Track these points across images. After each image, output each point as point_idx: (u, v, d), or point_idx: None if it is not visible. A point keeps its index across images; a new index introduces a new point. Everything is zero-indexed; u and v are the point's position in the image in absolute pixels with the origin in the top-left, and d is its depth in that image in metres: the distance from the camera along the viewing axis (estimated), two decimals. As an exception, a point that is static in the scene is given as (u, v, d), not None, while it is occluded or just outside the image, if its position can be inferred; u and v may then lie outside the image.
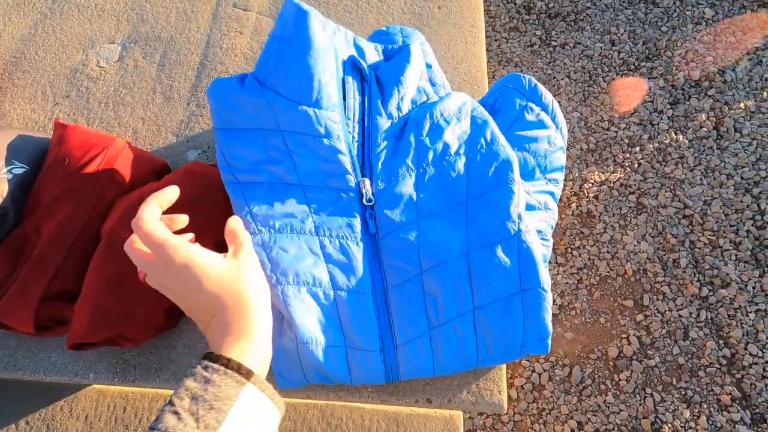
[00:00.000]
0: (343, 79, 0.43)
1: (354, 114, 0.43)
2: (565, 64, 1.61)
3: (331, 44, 0.42)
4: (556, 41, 1.65)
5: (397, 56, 0.47)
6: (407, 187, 0.42)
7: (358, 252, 0.41)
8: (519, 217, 0.41)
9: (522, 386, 1.13)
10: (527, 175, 0.48)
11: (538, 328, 0.40)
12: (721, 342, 1.14)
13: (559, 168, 0.50)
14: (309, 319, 0.38)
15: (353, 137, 0.43)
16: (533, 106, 0.48)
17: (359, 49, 0.48)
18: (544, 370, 1.14)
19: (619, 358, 1.14)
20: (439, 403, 0.42)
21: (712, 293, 1.19)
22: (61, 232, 0.43)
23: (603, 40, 1.64)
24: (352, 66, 0.45)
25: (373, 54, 0.49)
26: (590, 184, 1.38)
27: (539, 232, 0.47)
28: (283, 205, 0.40)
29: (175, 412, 0.28)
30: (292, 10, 0.41)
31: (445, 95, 0.46)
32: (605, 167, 1.41)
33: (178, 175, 0.46)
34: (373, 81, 0.45)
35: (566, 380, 1.13)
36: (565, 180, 1.41)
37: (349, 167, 0.42)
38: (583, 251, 1.29)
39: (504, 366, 0.43)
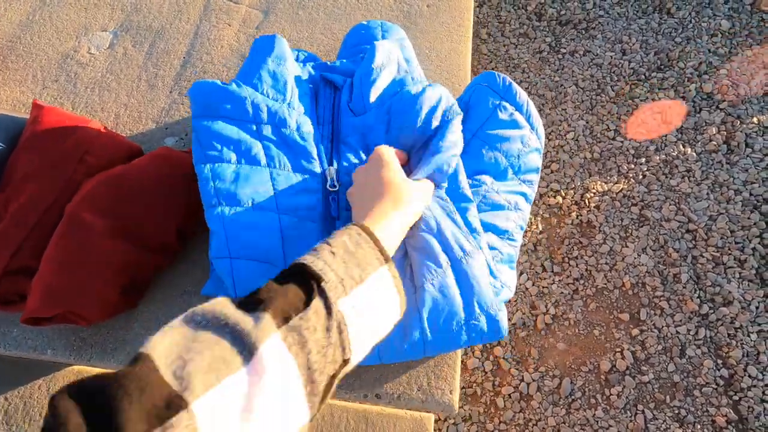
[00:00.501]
0: (317, 91, 0.49)
1: (324, 115, 0.47)
2: (573, 72, 1.59)
3: (296, 65, 0.50)
4: (565, 48, 1.63)
5: (364, 59, 0.48)
6: None
7: (315, 231, 0.42)
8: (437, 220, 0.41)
9: (509, 395, 1.11)
10: (499, 174, 0.48)
11: (479, 300, 0.39)
12: (720, 362, 1.10)
13: (534, 169, 0.49)
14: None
15: (322, 134, 0.46)
16: (506, 105, 0.47)
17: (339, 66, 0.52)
18: (533, 380, 1.12)
19: (611, 372, 1.11)
20: (388, 400, 0.41)
21: (712, 311, 1.15)
22: (26, 209, 0.44)
23: (614, 49, 1.61)
24: (324, 80, 0.50)
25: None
26: (592, 194, 1.35)
27: (506, 232, 0.46)
28: (248, 183, 0.42)
29: (332, 253, 0.31)
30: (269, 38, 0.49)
31: (416, 95, 0.46)
32: (608, 177, 1.38)
33: (146, 159, 0.47)
34: (346, 87, 0.48)
35: (555, 391, 1.10)
36: (566, 188, 1.39)
37: (314, 155, 0.45)
38: (580, 261, 1.26)
39: (458, 365, 0.42)
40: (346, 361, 0.29)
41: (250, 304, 0.27)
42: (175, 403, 0.21)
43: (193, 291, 0.47)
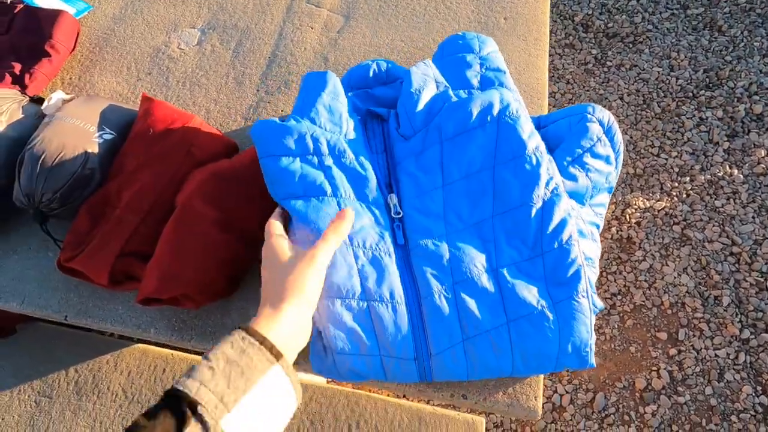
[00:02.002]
0: (365, 122, 0.50)
1: (376, 145, 0.48)
2: (618, 85, 1.58)
3: (345, 101, 0.50)
4: (611, 62, 1.62)
5: (402, 86, 0.49)
6: (433, 202, 0.44)
7: (390, 263, 0.42)
8: (556, 230, 0.41)
9: (542, 405, 1.12)
10: (580, 203, 0.48)
11: (572, 340, 0.40)
12: (759, 389, 1.09)
13: (603, 204, 0.51)
14: (343, 331, 0.39)
15: (378, 163, 0.47)
16: (606, 140, 0.48)
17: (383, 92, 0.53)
18: (566, 392, 1.12)
19: (646, 391, 1.11)
20: (475, 401, 0.43)
21: (754, 336, 1.14)
22: (140, 197, 0.47)
23: (661, 64, 1.60)
24: (371, 113, 0.51)
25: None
26: (633, 210, 1.35)
27: (590, 259, 0.46)
28: (318, 218, 0.42)
29: (211, 368, 0.31)
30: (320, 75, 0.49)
31: (465, 100, 0.46)
32: (651, 194, 1.37)
33: (249, 155, 0.50)
34: (392, 117, 0.49)
35: (588, 405, 1.11)
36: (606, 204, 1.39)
37: (374, 183, 0.45)
38: (618, 277, 1.26)
39: (541, 377, 0.44)
40: None
41: None
42: None
43: (285, 283, 0.50)
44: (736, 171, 1.39)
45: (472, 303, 0.40)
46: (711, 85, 1.56)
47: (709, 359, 1.14)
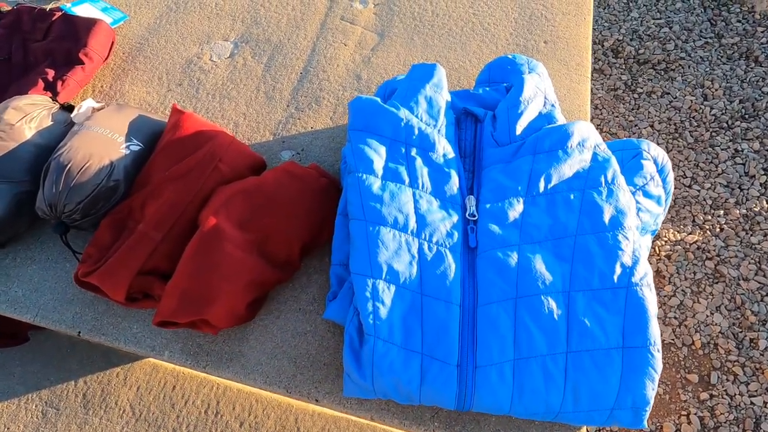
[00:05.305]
0: (459, 120, 0.50)
1: (466, 147, 0.48)
2: (649, 113, 1.54)
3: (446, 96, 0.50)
4: (642, 88, 1.59)
5: (511, 91, 0.47)
6: (513, 209, 0.42)
7: (453, 262, 0.41)
8: (634, 265, 0.38)
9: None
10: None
11: (635, 395, 0.36)
12: (800, 442, 1.01)
13: (647, 247, 0.48)
14: (392, 317, 0.38)
15: (464, 163, 0.47)
16: (660, 181, 0.46)
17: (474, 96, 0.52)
18: (588, 431, 1.06)
19: (675, 437, 1.04)
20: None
21: (793, 385, 1.07)
22: (163, 212, 0.45)
23: (695, 93, 1.56)
24: (466, 112, 0.50)
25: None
26: (663, 242, 1.29)
27: None
28: (392, 201, 0.42)
29: None
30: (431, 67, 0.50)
31: (567, 124, 0.45)
32: (682, 227, 1.32)
33: (278, 173, 0.48)
34: (488, 118, 0.48)
35: (612, 448, 1.04)
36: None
37: (456, 183, 0.44)
38: (647, 312, 1.20)
39: (584, 429, 0.40)
40: None
41: None
42: None
43: (308, 309, 0.47)
44: (773, 207, 1.32)
45: (532, 322, 0.38)
46: (747, 116, 1.51)
47: (744, 407, 1.06)
